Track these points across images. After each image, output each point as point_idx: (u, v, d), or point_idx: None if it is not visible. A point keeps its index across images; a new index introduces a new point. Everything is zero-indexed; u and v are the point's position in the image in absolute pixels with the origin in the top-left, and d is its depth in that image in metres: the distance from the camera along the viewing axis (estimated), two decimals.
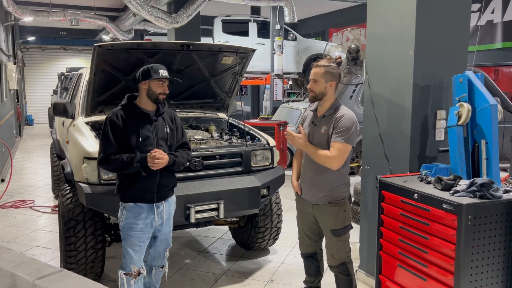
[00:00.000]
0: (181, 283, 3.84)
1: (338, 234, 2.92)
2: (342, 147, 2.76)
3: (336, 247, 2.95)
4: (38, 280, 0.94)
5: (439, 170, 2.96)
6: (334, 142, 2.77)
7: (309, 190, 2.98)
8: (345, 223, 2.93)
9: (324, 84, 2.84)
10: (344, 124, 2.77)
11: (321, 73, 2.83)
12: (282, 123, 8.29)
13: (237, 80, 4.32)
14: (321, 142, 2.87)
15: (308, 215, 3.04)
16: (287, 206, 5.49)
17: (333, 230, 2.92)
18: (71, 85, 6.09)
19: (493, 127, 2.87)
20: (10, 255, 1.08)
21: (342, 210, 2.91)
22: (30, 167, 9.40)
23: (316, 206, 2.95)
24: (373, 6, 3.57)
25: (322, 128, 2.87)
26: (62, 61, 20.00)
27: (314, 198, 2.95)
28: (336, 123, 2.79)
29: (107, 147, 2.79)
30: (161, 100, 2.88)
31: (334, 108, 2.88)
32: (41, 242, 4.91)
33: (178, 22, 8.46)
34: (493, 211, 2.42)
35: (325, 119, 2.88)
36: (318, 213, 2.97)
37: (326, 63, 2.87)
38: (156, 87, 2.84)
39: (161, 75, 2.82)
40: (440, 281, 2.51)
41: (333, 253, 2.97)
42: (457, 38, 3.33)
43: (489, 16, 10.39)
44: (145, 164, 2.76)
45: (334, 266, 3.00)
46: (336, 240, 2.93)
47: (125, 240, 2.86)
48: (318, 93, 2.86)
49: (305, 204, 3.03)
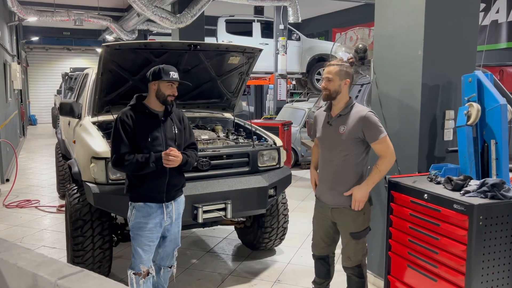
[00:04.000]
0: (188, 283, 3.84)
1: (357, 237, 2.87)
2: (383, 140, 2.75)
3: (354, 249, 2.89)
4: (60, 280, 0.94)
5: (448, 171, 2.95)
6: (376, 142, 2.76)
7: (328, 193, 2.91)
8: (364, 226, 2.88)
9: (339, 82, 2.80)
10: (370, 123, 2.76)
11: (335, 71, 2.80)
12: (286, 123, 8.29)
13: (243, 80, 4.32)
14: (337, 142, 2.82)
15: (325, 218, 2.97)
16: (293, 206, 5.48)
17: (353, 233, 2.86)
18: (77, 85, 6.10)
19: (503, 127, 2.86)
20: (29, 255, 1.07)
21: (362, 212, 2.84)
22: (35, 167, 9.41)
23: (335, 209, 2.89)
24: (381, 6, 3.56)
25: (340, 128, 2.81)
26: (65, 61, 20.04)
27: (334, 200, 2.88)
28: (362, 126, 2.76)
29: (121, 146, 2.77)
30: (169, 101, 2.88)
31: (350, 106, 2.84)
32: (47, 241, 4.92)
33: (182, 22, 8.46)
34: (505, 211, 2.41)
35: (342, 118, 2.83)
36: (337, 216, 2.90)
37: (340, 62, 2.85)
38: (166, 89, 2.84)
39: (171, 77, 2.82)
40: (451, 282, 2.50)
41: (350, 255, 2.91)
42: (466, 37, 3.32)
43: (494, 16, 10.36)
44: (160, 164, 2.75)
45: (349, 267, 2.95)
46: (355, 242, 2.88)
47: (135, 240, 2.86)
48: (332, 91, 2.81)
49: (324, 206, 2.96)
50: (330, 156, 2.87)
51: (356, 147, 2.80)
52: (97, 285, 0.91)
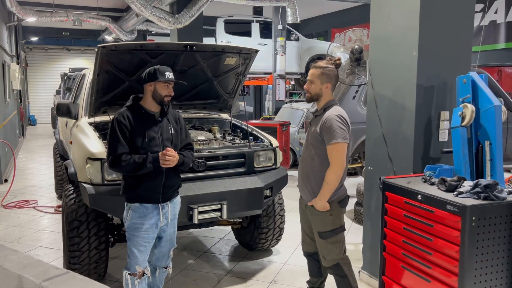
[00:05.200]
0: (184, 284, 3.84)
1: (324, 237, 2.92)
2: (334, 146, 2.77)
3: (326, 249, 2.95)
4: (45, 282, 0.94)
5: (442, 171, 2.95)
6: (328, 146, 2.80)
7: (302, 189, 3.03)
8: (333, 226, 2.91)
9: (320, 85, 2.89)
10: (328, 126, 2.79)
11: (317, 74, 2.88)
12: (284, 123, 8.29)
13: (240, 81, 4.33)
14: (310, 141, 2.94)
15: (305, 214, 3.07)
16: (290, 206, 5.49)
17: (320, 232, 2.93)
18: (74, 85, 6.11)
19: (497, 128, 2.87)
20: (16, 256, 1.08)
21: (328, 213, 2.87)
22: (33, 167, 9.42)
23: (307, 206, 2.98)
24: (376, 7, 3.56)
25: (315, 128, 2.91)
26: (64, 61, 20.04)
27: (305, 198, 2.99)
28: (322, 128, 2.82)
29: (118, 147, 2.77)
30: (166, 102, 2.89)
31: (324, 108, 2.92)
32: (45, 242, 4.92)
33: (180, 23, 8.47)
34: (498, 212, 2.42)
35: (317, 119, 2.94)
36: (309, 213, 3.00)
37: (323, 65, 2.89)
38: (162, 89, 2.85)
39: (167, 77, 2.83)
40: (444, 283, 2.50)
41: (324, 255, 2.97)
42: (461, 38, 3.33)
43: (492, 16, 10.37)
44: (157, 165, 2.77)
45: (328, 267, 3.01)
46: (324, 242, 2.93)
47: (130, 240, 2.87)
48: (313, 94, 2.93)
49: (302, 202, 3.09)
50: (304, 154, 3.01)
51: (321, 148, 2.86)
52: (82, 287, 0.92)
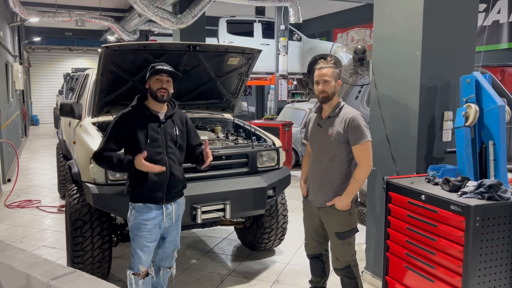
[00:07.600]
0: (187, 283, 3.85)
1: (343, 237, 2.91)
2: (363, 146, 2.78)
3: (341, 250, 2.94)
4: (52, 280, 0.95)
5: (446, 171, 2.95)
6: (356, 146, 2.79)
7: (316, 192, 2.98)
8: (350, 226, 2.92)
9: (334, 83, 2.87)
10: (356, 126, 2.78)
11: (330, 73, 2.85)
12: (287, 123, 8.29)
13: (243, 81, 4.32)
14: (326, 143, 2.88)
15: (314, 217, 3.04)
16: (293, 206, 5.49)
17: (338, 233, 2.91)
18: (77, 85, 6.12)
19: (501, 128, 2.87)
20: (23, 255, 1.09)
21: (347, 213, 2.89)
22: (36, 167, 9.44)
23: (322, 209, 2.95)
24: (379, 7, 3.56)
25: (329, 130, 2.87)
26: (67, 61, 20.10)
27: (320, 200, 2.95)
28: (348, 128, 2.80)
29: (105, 142, 2.84)
30: (160, 97, 2.81)
31: (339, 108, 2.90)
32: (48, 242, 4.94)
33: (183, 23, 8.47)
34: (502, 212, 2.41)
35: (331, 120, 2.89)
36: (323, 215, 2.96)
37: (329, 64, 2.89)
38: (154, 84, 2.82)
39: (156, 67, 2.80)
40: (448, 283, 2.50)
41: (338, 256, 2.96)
42: (464, 38, 3.32)
43: (495, 16, 10.34)
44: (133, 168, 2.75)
45: (339, 269, 3.00)
46: (341, 243, 2.92)
47: (134, 240, 2.87)
48: (330, 93, 2.86)
49: (311, 206, 3.04)
50: (319, 156, 2.95)
51: (343, 148, 2.84)
52: (89, 286, 0.92)
